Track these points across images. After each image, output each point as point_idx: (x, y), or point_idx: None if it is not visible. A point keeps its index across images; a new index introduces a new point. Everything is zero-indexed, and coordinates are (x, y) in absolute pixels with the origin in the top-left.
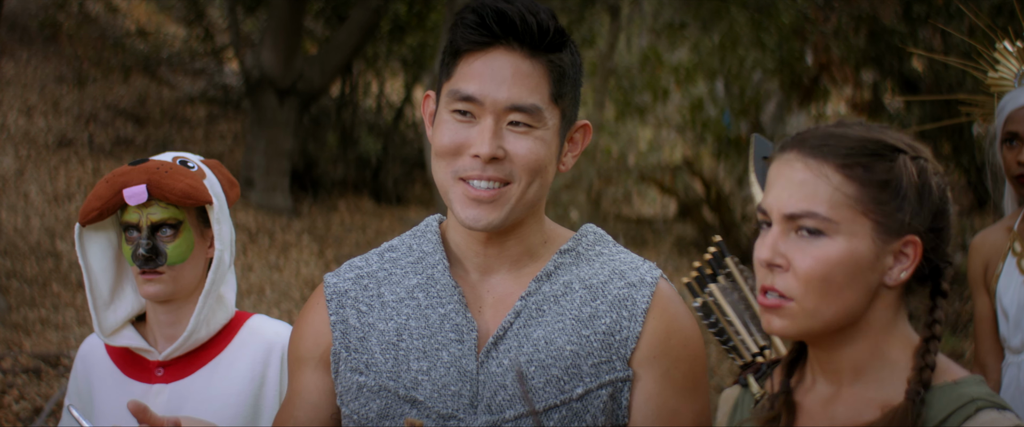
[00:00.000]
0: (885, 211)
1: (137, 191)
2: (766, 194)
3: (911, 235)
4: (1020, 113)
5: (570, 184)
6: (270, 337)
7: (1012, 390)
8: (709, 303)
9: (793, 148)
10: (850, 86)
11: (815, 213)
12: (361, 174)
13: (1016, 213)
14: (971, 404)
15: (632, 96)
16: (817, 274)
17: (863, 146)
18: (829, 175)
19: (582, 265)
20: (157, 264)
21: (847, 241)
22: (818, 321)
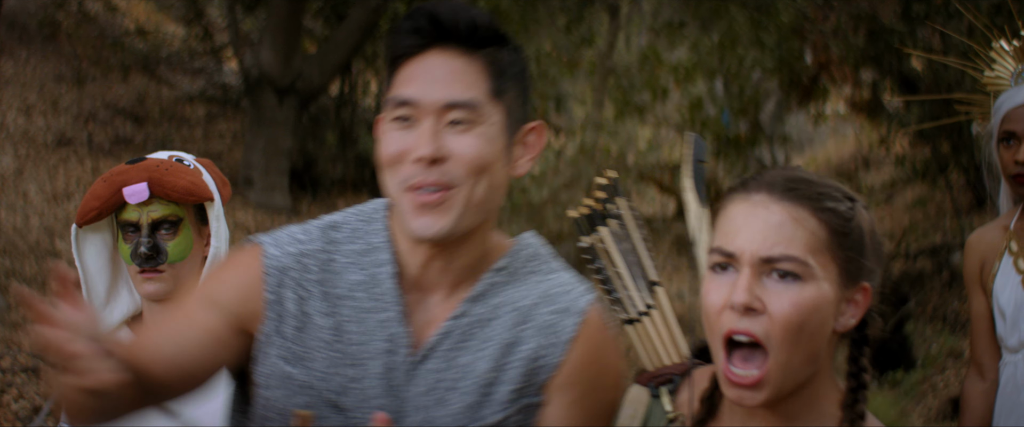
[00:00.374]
0: (850, 257)
1: (138, 189)
2: (734, 236)
3: (865, 282)
4: (1017, 112)
5: (569, 183)
6: None
7: (1009, 389)
8: (597, 247)
9: (763, 190)
10: (849, 85)
11: (794, 257)
12: (360, 173)
13: (1012, 212)
14: None
15: (631, 95)
16: (795, 319)
17: (828, 192)
18: (805, 219)
19: (514, 286)
20: (158, 262)
21: (819, 286)
22: (789, 376)
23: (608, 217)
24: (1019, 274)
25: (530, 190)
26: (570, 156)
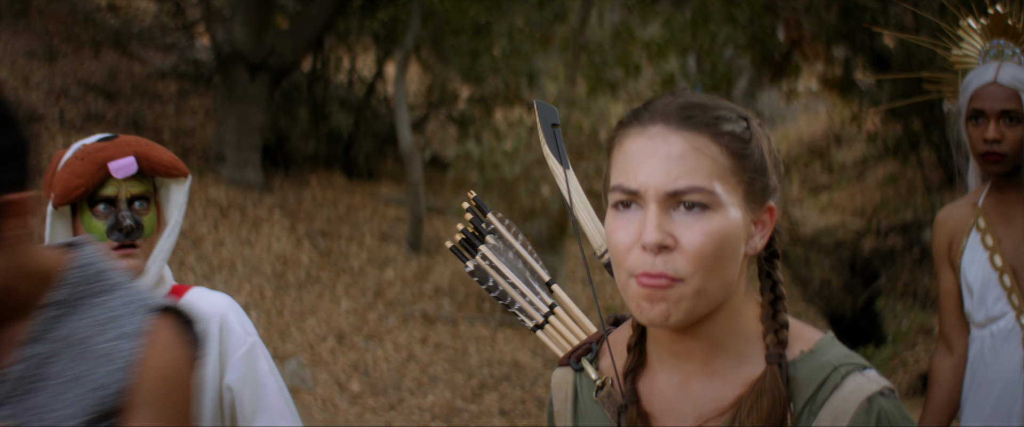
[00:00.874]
0: (752, 179)
1: (126, 163)
2: (635, 172)
3: (770, 202)
4: (984, 90)
5: (542, 159)
6: (209, 308)
7: (976, 364)
8: (483, 266)
9: (659, 121)
10: (821, 62)
11: (700, 187)
12: (332, 149)
13: (981, 189)
14: (835, 372)
15: (604, 71)
16: (708, 250)
17: (724, 115)
18: (706, 146)
19: (75, 316)
20: (137, 236)
21: (727, 213)
22: (704, 301)
23: (485, 234)
24: (986, 250)
25: (502, 166)
26: None
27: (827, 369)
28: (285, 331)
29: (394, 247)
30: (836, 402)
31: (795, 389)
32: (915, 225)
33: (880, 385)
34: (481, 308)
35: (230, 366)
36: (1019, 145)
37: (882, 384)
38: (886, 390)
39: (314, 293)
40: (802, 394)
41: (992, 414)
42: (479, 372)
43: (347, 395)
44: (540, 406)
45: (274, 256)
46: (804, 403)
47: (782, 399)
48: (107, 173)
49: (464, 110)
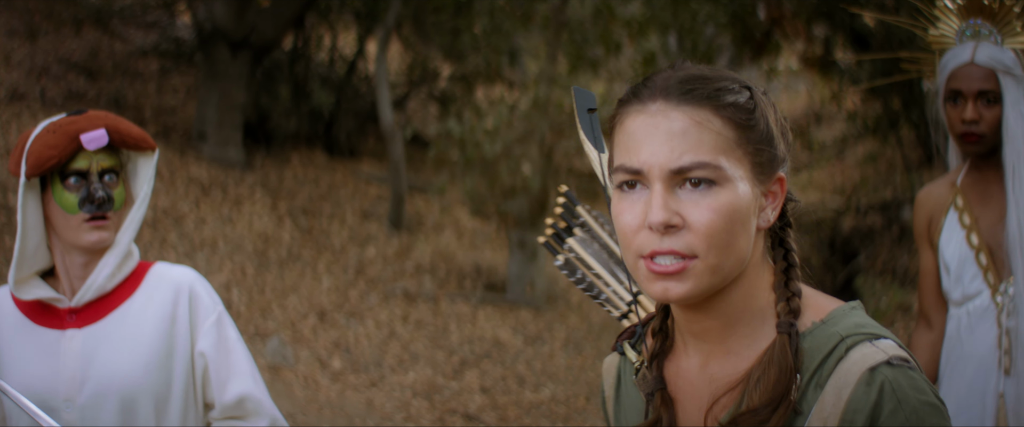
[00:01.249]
0: (759, 150)
1: (97, 135)
2: (637, 151)
3: (780, 173)
4: (962, 70)
5: (523, 137)
6: (177, 279)
7: (953, 342)
8: (571, 259)
9: (659, 98)
10: (801, 41)
11: (706, 163)
12: (314, 127)
13: (960, 168)
14: (841, 344)
15: (585, 50)
16: (718, 226)
17: (726, 86)
18: (709, 120)
19: None
20: (108, 209)
21: (735, 187)
22: (719, 277)
23: (573, 228)
24: (963, 229)
25: (483, 145)
26: (524, 110)
27: (834, 340)
28: (267, 309)
29: (375, 225)
30: (840, 374)
31: (802, 361)
32: (894, 204)
33: (888, 355)
34: (462, 286)
35: (201, 334)
36: (997, 125)
37: (891, 354)
38: (895, 360)
39: (296, 271)
40: (808, 366)
41: (968, 392)
42: (460, 349)
43: (328, 372)
44: (520, 383)
45: (256, 234)
46: (810, 375)
47: (789, 370)
48: (79, 145)
49: (445, 88)
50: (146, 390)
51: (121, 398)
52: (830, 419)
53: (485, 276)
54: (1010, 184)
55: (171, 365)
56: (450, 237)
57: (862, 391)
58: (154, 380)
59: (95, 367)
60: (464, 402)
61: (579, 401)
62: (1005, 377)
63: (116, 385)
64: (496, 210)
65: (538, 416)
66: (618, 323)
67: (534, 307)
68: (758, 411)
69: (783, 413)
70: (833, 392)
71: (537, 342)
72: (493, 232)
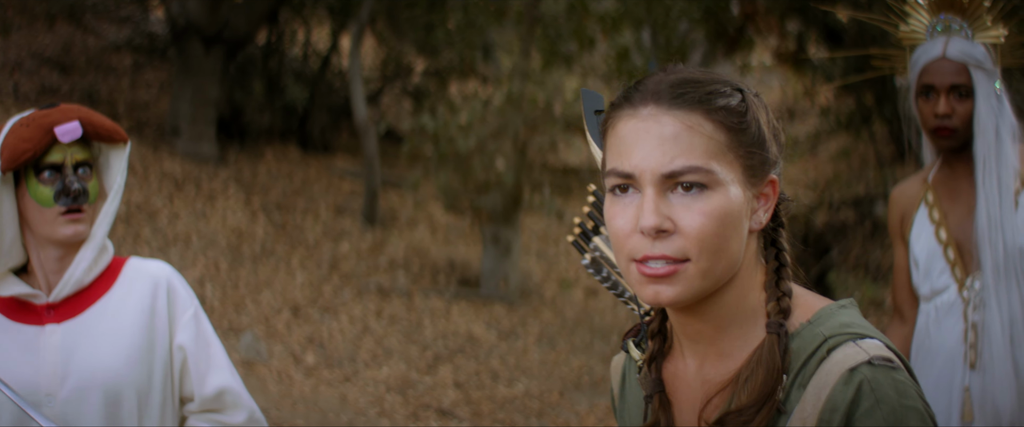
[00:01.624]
0: (751, 153)
1: (71, 127)
2: (628, 155)
3: (772, 175)
4: (934, 65)
5: (496, 133)
6: (154, 273)
7: (921, 336)
8: (597, 258)
9: (650, 102)
10: (775, 37)
11: (697, 167)
12: (288, 122)
13: (932, 165)
14: (824, 345)
15: (558, 45)
16: (709, 230)
17: (717, 89)
18: (701, 125)
19: None
20: (83, 201)
21: (727, 191)
22: (710, 280)
23: (599, 227)
24: (932, 224)
25: (457, 140)
26: (497, 106)
27: (818, 340)
28: (240, 304)
29: (349, 220)
30: (821, 374)
31: (789, 361)
32: (867, 199)
33: (870, 355)
34: (436, 281)
35: (180, 327)
36: (969, 119)
37: (873, 354)
38: (877, 360)
39: (269, 266)
40: (794, 366)
41: (935, 386)
42: (434, 344)
43: (302, 368)
44: (493, 378)
45: (229, 229)
46: (794, 375)
47: (776, 370)
48: (54, 138)
49: (419, 83)
50: (129, 384)
51: (104, 392)
52: (809, 419)
53: (459, 271)
54: (980, 178)
55: (152, 359)
56: (424, 232)
57: (840, 390)
58: (136, 373)
59: (76, 361)
60: (438, 397)
61: (553, 396)
62: (970, 371)
63: (99, 379)
64: (470, 205)
65: (512, 411)
66: (592, 319)
67: (508, 302)
68: (743, 411)
69: (767, 413)
70: (814, 392)
71: (511, 337)
72: (467, 227)
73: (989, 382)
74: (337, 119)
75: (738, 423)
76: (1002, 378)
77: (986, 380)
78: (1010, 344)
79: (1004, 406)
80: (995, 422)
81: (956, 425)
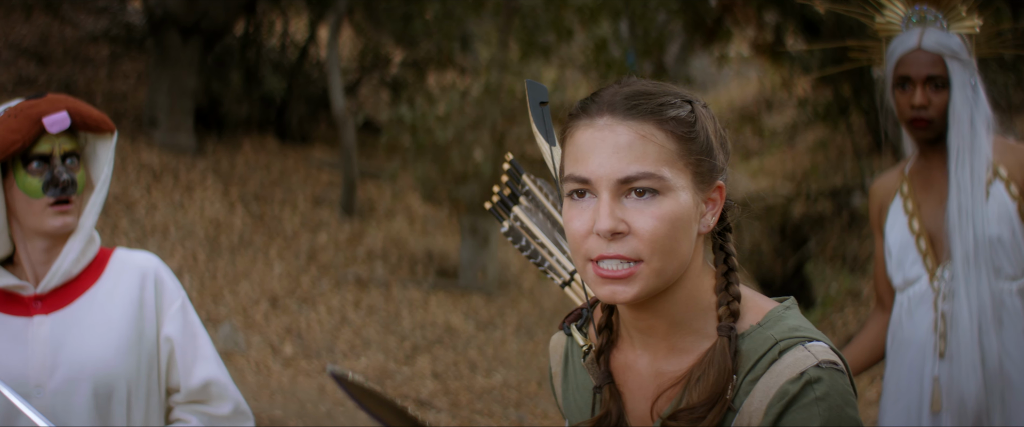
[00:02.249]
0: (700, 161)
1: (60, 118)
2: (585, 162)
3: (719, 181)
4: (910, 56)
5: (474, 124)
6: (142, 264)
7: (895, 326)
8: (516, 227)
9: (606, 113)
10: (752, 28)
11: (650, 173)
12: (266, 113)
13: (911, 156)
14: (775, 348)
15: (536, 36)
16: (661, 232)
17: (668, 101)
18: (653, 134)
19: None
20: (72, 192)
21: (677, 197)
22: (663, 279)
23: (519, 196)
24: (906, 215)
25: (435, 131)
26: (475, 96)
27: (769, 343)
28: (218, 295)
29: (327, 211)
30: (771, 375)
31: (739, 362)
32: (844, 190)
33: (818, 358)
34: (414, 272)
35: (167, 318)
36: (945, 110)
37: (821, 358)
38: (825, 364)
39: (247, 257)
40: (744, 367)
41: (908, 375)
42: (412, 335)
43: (280, 358)
44: (471, 368)
45: (207, 220)
46: (744, 375)
47: (727, 372)
48: (42, 128)
49: (397, 74)
50: (119, 375)
51: (94, 383)
52: (756, 413)
53: (437, 262)
54: (953, 167)
55: (140, 350)
56: (402, 223)
57: (787, 386)
58: (125, 365)
59: (66, 353)
60: (416, 387)
61: (531, 386)
62: (940, 360)
63: (89, 370)
64: (448, 196)
65: (490, 401)
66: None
67: (486, 293)
68: (696, 409)
69: (718, 411)
70: (763, 389)
71: (489, 328)
72: (445, 218)
73: (956, 371)
74: (315, 110)
75: (691, 419)
76: (969, 367)
77: (953, 369)
78: (978, 333)
79: (970, 395)
80: (962, 411)
81: (926, 415)
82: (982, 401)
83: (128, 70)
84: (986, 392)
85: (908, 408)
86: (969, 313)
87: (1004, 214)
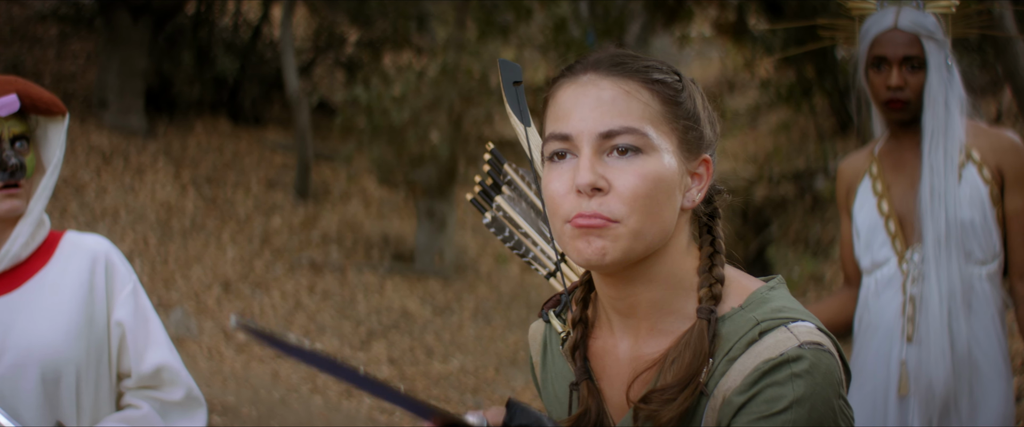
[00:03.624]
0: (686, 128)
1: (8, 100)
2: (567, 118)
3: (705, 155)
4: (886, 36)
5: (431, 105)
6: (92, 248)
7: (862, 310)
8: (499, 218)
9: (590, 70)
10: (714, 7)
11: (633, 128)
12: (218, 94)
13: (882, 137)
14: (755, 328)
15: (494, 15)
16: (642, 192)
17: (655, 65)
18: (637, 91)
19: None
20: (21, 176)
21: (661, 157)
22: (641, 243)
23: (501, 186)
24: (875, 196)
25: (391, 112)
26: (432, 77)
27: (750, 324)
28: (170, 280)
29: (281, 194)
30: (750, 356)
31: (718, 345)
32: (807, 173)
33: (801, 340)
34: (369, 256)
35: (118, 303)
36: (921, 91)
37: (804, 338)
38: (808, 345)
39: (199, 241)
40: (721, 350)
41: (874, 360)
42: (368, 320)
43: (233, 344)
44: (428, 354)
45: (158, 204)
46: (721, 358)
47: (702, 354)
48: None
49: (352, 54)
50: (68, 360)
51: (42, 368)
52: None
53: (393, 246)
54: (926, 149)
55: (90, 334)
56: (357, 206)
57: (762, 366)
58: (75, 350)
59: (13, 337)
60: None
61: (488, 372)
62: (907, 344)
63: (37, 355)
64: (404, 178)
65: (447, 387)
66: (528, 295)
67: (443, 277)
68: (667, 390)
69: (690, 393)
70: (738, 370)
71: (446, 313)
72: (401, 201)
73: (925, 355)
74: (268, 91)
75: (661, 400)
76: (937, 351)
77: (922, 353)
78: (947, 317)
79: (938, 379)
80: (929, 395)
81: (892, 399)
82: (950, 386)
83: (77, 50)
84: (955, 377)
85: (874, 392)
86: (939, 297)
87: (976, 198)
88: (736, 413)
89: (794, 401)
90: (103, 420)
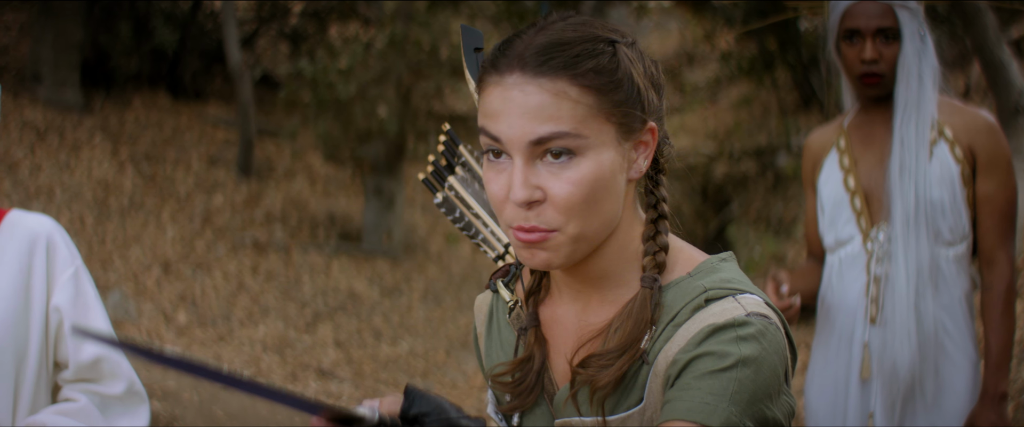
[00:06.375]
0: (624, 110)
1: None
2: (495, 122)
3: (650, 123)
4: (859, 7)
5: (379, 78)
6: (33, 228)
7: (825, 289)
8: (450, 198)
9: (515, 70)
10: None
11: (564, 132)
12: (157, 68)
13: (851, 111)
14: (701, 295)
15: None
16: (577, 198)
17: (585, 49)
18: (566, 90)
19: None
20: None
21: (598, 154)
22: (584, 244)
23: (454, 167)
24: (842, 171)
25: (337, 86)
26: (379, 49)
27: (696, 291)
28: (107, 260)
29: (223, 171)
30: (695, 321)
31: (662, 312)
32: (769, 149)
33: (747, 310)
34: (315, 235)
35: (58, 287)
36: (896, 63)
37: (751, 309)
38: (755, 316)
39: (138, 220)
40: (665, 318)
41: (837, 341)
42: (313, 302)
43: (174, 327)
44: (376, 337)
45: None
46: (666, 323)
47: (644, 322)
48: None
49: (297, 25)
50: (6, 347)
51: None
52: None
53: (339, 225)
54: (898, 123)
55: (28, 320)
56: (302, 184)
57: (708, 328)
58: (12, 336)
59: None
60: (317, 357)
61: (439, 355)
62: (871, 326)
63: None
64: (351, 155)
65: (395, 371)
66: (479, 275)
67: (391, 257)
68: (605, 355)
69: (628, 359)
70: (682, 335)
71: (394, 294)
72: (348, 178)
73: (890, 336)
74: (209, 64)
75: (598, 365)
76: (903, 332)
77: (887, 334)
78: (914, 297)
79: (903, 361)
80: (893, 378)
81: (854, 383)
82: (916, 369)
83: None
84: (920, 359)
85: (835, 375)
86: (906, 276)
87: (947, 176)
88: (682, 370)
89: (741, 360)
90: (38, 412)
